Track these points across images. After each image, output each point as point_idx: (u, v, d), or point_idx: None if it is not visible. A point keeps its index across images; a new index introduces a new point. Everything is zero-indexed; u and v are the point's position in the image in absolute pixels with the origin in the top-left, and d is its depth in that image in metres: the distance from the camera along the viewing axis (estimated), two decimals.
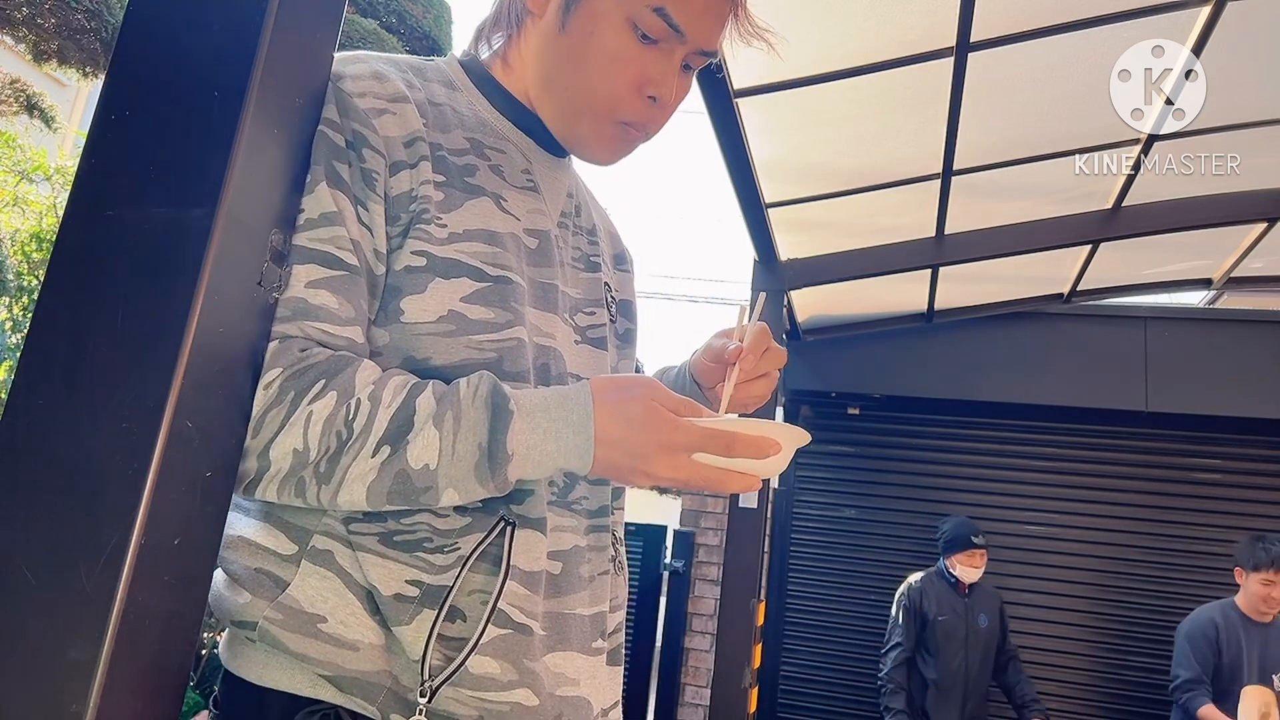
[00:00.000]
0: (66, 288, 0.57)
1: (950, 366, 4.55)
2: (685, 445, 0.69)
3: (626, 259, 1.05)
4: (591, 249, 0.94)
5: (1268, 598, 3.15)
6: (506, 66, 0.89)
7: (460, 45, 0.97)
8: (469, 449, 0.67)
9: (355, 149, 0.72)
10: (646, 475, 0.70)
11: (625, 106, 0.82)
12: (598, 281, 0.93)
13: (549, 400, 0.70)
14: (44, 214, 3.57)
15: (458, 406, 0.68)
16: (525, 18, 0.87)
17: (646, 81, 0.81)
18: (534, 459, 0.69)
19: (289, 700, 0.71)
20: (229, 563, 0.72)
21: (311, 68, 0.69)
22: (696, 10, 0.80)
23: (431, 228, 0.74)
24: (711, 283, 24.64)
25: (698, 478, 0.71)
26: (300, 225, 0.69)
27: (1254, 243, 3.64)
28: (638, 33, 0.79)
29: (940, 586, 3.66)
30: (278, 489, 0.66)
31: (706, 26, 0.81)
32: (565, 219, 0.91)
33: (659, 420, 0.69)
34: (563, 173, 0.93)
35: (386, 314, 0.74)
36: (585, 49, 0.80)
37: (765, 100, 2.58)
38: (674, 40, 0.80)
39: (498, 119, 0.87)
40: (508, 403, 0.69)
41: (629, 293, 1.03)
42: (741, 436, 0.70)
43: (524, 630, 0.73)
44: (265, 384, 0.65)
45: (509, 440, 0.68)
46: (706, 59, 0.85)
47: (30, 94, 4.15)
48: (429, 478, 0.67)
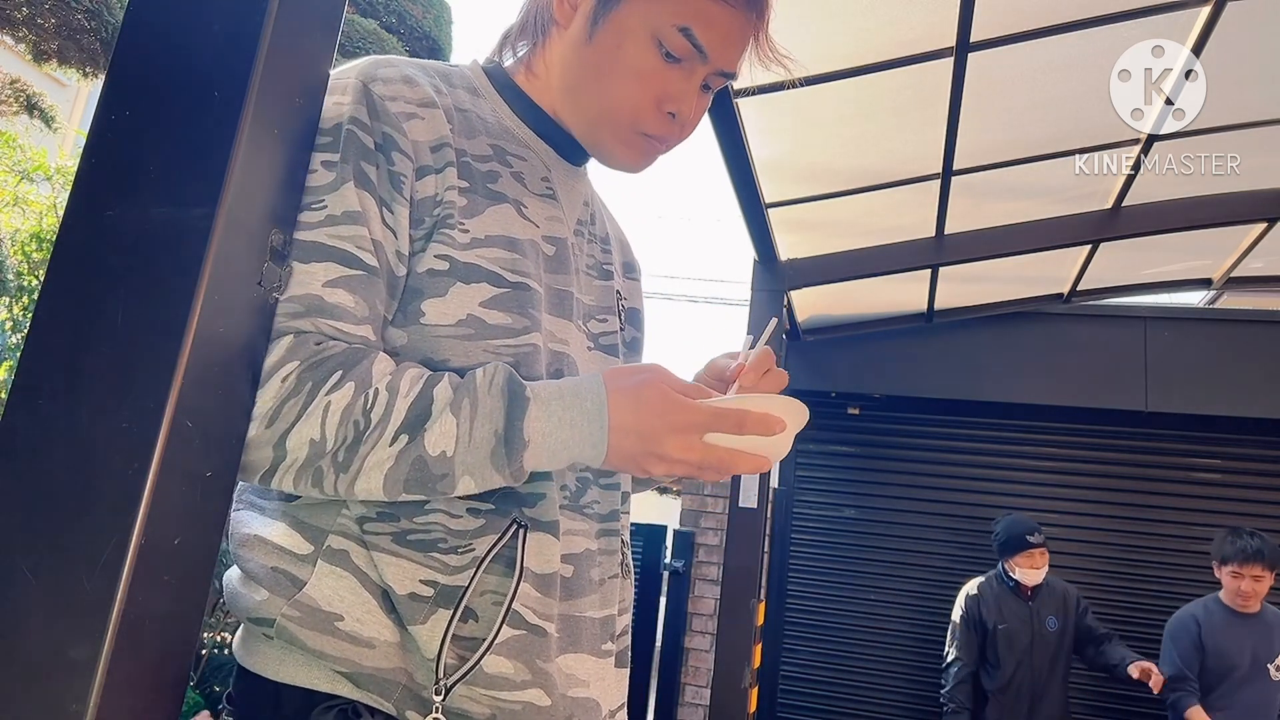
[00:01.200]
0: (66, 288, 0.57)
1: (950, 366, 4.55)
2: (696, 426, 0.70)
3: (635, 268, 1.07)
4: (605, 257, 0.96)
5: (1239, 590, 3.18)
6: (530, 75, 0.90)
7: (462, 46, 0.98)
8: (485, 436, 0.68)
9: (384, 151, 0.73)
10: (658, 459, 0.71)
11: (645, 120, 0.84)
12: (610, 289, 0.95)
13: (564, 389, 0.71)
14: (44, 214, 3.57)
15: (474, 394, 0.69)
16: (551, 28, 0.88)
17: (666, 98, 0.83)
18: (550, 447, 0.70)
19: (305, 695, 0.72)
20: (245, 560, 0.73)
21: (311, 68, 0.69)
22: (720, 33, 0.82)
23: (454, 232, 0.76)
24: (711, 283, 24.64)
25: (710, 459, 0.71)
26: (322, 221, 0.69)
27: (1254, 243, 3.64)
28: (662, 50, 0.81)
29: (1000, 591, 3.44)
30: (294, 478, 0.67)
31: (729, 49, 0.83)
32: (581, 227, 0.93)
33: (669, 403, 0.70)
34: (579, 182, 0.94)
35: (406, 315, 0.74)
36: (610, 62, 0.82)
37: (765, 100, 2.58)
38: (696, 60, 0.82)
39: (520, 126, 0.88)
40: (524, 390, 0.70)
41: (637, 301, 1.04)
42: (752, 413, 0.71)
43: (537, 631, 0.74)
44: (282, 376, 0.65)
45: (525, 427, 0.68)
46: (726, 80, 0.87)
47: (30, 94, 4.15)
48: (446, 465, 0.67)
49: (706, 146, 2.86)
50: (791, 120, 2.78)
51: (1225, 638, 3.19)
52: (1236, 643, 3.18)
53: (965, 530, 4.60)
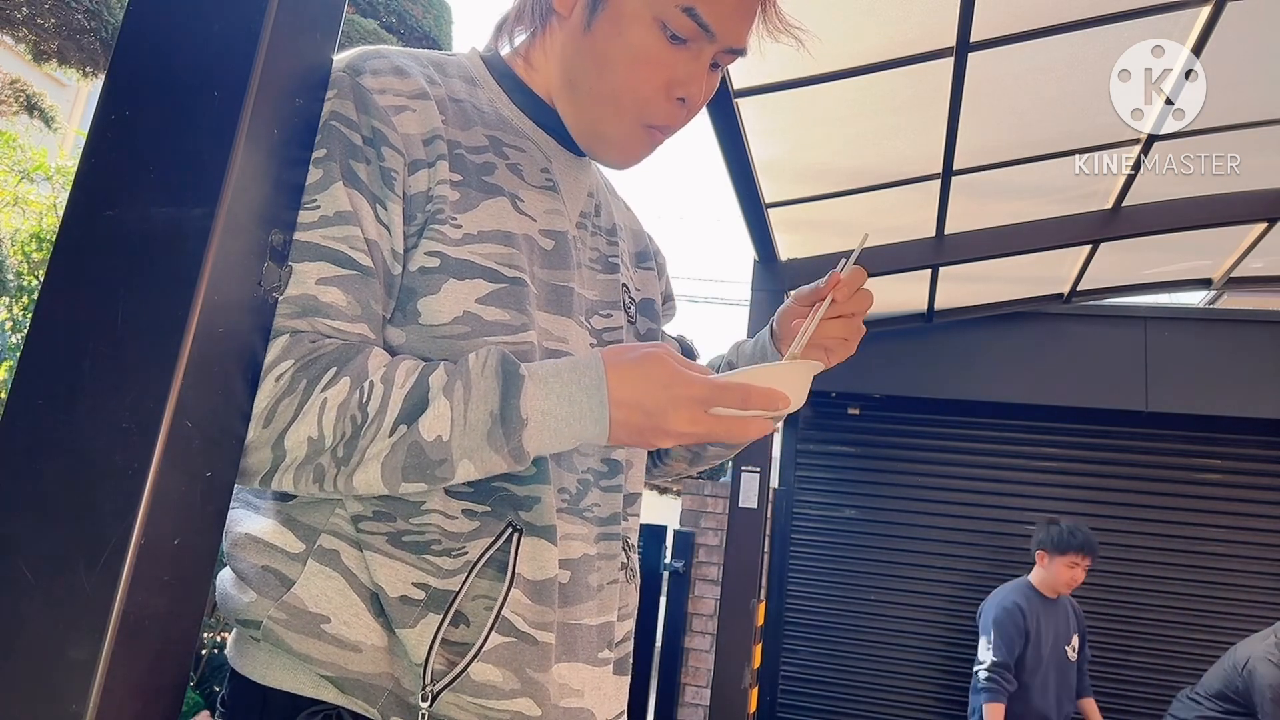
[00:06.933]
0: (66, 288, 0.57)
1: (950, 366, 4.54)
2: (700, 398, 0.69)
3: (650, 256, 1.03)
4: (610, 249, 0.93)
5: (1072, 579, 3.32)
6: (529, 65, 0.87)
7: (462, 47, 0.97)
8: (481, 417, 0.66)
9: (374, 146, 0.72)
10: (665, 433, 0.69)
11: (653, 109, 0.81)
12: (615, 283, 0.91)
13: (561, 366, 0.70)
14: (44, 214, 3.57)
15: (467, 377, 0.67)
16: (551, 17, 0.85)
17: (675, 83, 0.79)
18: (550, 426, 0.68)
19: (291, 700, 0.71)
20: (237, 560, 0.72)
21: (311, 68, 0.68)
22: (727, 9, 0.77)
23: (446, 228, 0.74)
24: (711, 283, 24.64)
25: (718, 428, 0.70)
26: (315, 222, 0.69)
27: (1254, 243, 3.63)
28: (666, 33, 0.77)
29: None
30: (294, 477, 0.66)
31: (736, 25, 0.79)
32: (585, 219, 0.90)
33: (671, 375, 0.69)
34: (583, 172, 0.91)
35: (404, 314, 0.73)
36: (611, 50, 0.78)
37: (765, 100, 2.58)
38: (703, 40, 0.78)
39: (518, 117, 0.85)
40: (518, 369, 0.68)
41: (652, 291, 1.00)
42: (756, 389, 0.70)
43: (528, 640, 0.72)
44: (276, 375, 0.65)
45: (522, 404, 0.67)
46: (735, 56, 0.82)
47: (30, 94, 4.15)
48: (442, 450, 0.66)
49: (706, 146, 2.86)
50: (791, 120, 2.77)
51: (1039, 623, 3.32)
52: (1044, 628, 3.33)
53: (965, 530, 4.60)
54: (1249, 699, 3.10)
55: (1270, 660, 3.07)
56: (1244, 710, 3.13)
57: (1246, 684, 3.11)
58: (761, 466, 3.46)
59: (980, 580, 4.53)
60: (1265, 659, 3.08)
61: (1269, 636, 3.15)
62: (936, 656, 4.56)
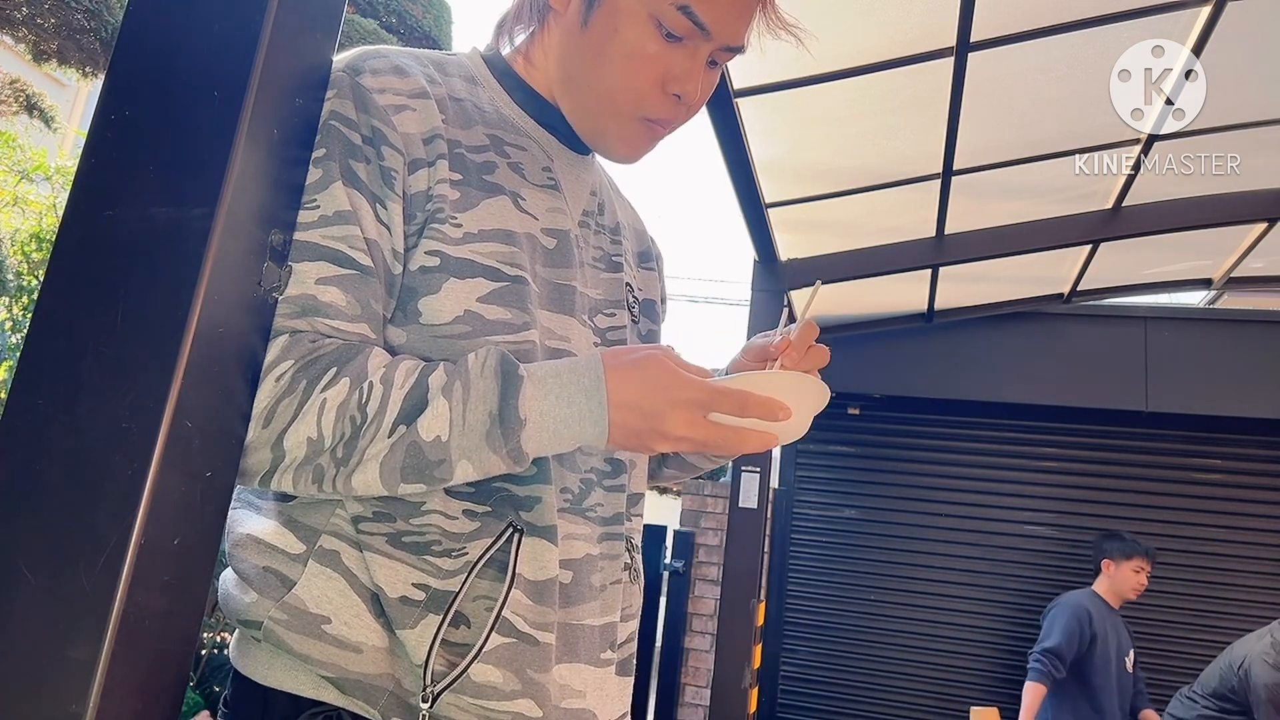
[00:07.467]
0: (66, 288, 0.57)
1: (950, 366, 4.54)
2: (699, 402, 0.68)
3: (652, 255, 1.03)
4: (614, 248, 0.92)
5: (1139, 585, 3.42)
6: (529, 63, 0.87)
7: (463, 47, 0.96)
8: (480, 418, 0.66)
9: (374, 145, 0.71)
10: (663, 436, 0.69)
11: (649, 104, 0.80)
12: (619, 282, 0.91)
13: (560, 368, 0.70)
14: (44, 214, 3.57)
15: (466, 377, 0.67)
16: (548, 14, 0.85)
17: (670, 79, 0.79)
18: (549, 427, 0.68)
19: (293, 701, 0.71)
20: (238, 561, 0.72)
21: (311, 68, 0.68)
22: (723, 7, 0.77)
23: (446, 227, 0.73)
24: (711, 283, 24.64)
25: (715, 436, 0.69)
26: (314, 222, 0.68)
27: (1254, 243, 3.63)
28: (661, 30, 0.77)
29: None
30: (293, 478, 0.66)
31: (732, 23, 0.79)
32: (587, 218, 0.89)
33: (670, 377, 0.69)
34: (586, 170, 0.91)
35: (405, 314, 0.73)
36: (607, 47, 0.78)
37: (765, 100, 2.58)
38: (699, 38, 0.78)
39: (519, 115, 0.85)
40: (517, 369, 0.68)
41: (653, 291, 1.00)
42: (754, 396, 0.69)
43: (529, 640, 0.72)
44: (276, 375, 0.65)
45: (521, 405, 0.67)
46: (733, 54, 0.82)
47: (30, 94, 4.15)
48: (441, 450, 0.66)
49: (706, 146, 2.86)
50: (791, 120, 2.77)
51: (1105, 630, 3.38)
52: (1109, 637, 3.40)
53: (965, 530, 4.60)
54: (1245, 698, 3.11)
55: (1266, 661, 3.08)
56: (1241, 709, 3.14)
57: (1243, 684, 3.12)
58: (761, 466, 3.46)
59: (980, 580, 4.53)
60: (1261, 659, 3.09)
61: (1265, 636, 3.16)
62: (936, 656, 4.56)
